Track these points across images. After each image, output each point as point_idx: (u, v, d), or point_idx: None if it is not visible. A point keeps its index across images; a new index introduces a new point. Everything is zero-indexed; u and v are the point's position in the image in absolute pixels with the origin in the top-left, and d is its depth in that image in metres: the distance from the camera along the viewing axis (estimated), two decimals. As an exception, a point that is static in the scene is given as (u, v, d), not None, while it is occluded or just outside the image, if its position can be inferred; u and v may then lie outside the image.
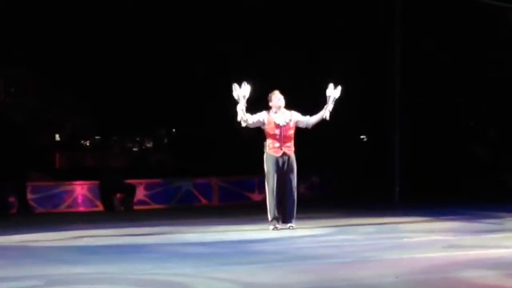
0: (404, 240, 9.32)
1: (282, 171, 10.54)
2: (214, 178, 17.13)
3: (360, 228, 10.73)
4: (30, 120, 15.91)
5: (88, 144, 22.56)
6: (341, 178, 18.17)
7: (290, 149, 10.62)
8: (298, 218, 10.83)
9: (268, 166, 10.58)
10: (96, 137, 22.34)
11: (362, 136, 21.95)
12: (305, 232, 10.30)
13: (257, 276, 6.63)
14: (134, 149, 21.65)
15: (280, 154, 10.55)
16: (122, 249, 8.93)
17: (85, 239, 10.12)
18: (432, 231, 10.15)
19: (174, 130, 21.96)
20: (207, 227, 11.28)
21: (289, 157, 10.57)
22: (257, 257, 7.99)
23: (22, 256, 8.47)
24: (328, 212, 13.33)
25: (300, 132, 10.90)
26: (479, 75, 19.97)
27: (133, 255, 8.30)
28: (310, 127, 10.82)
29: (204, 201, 16.95)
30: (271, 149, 10.58)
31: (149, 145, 16.46)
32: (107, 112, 19.25)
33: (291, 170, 10.58)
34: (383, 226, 11.02)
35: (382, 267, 7.01)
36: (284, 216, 10.60)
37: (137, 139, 22.02)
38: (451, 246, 8.53)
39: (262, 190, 10.90)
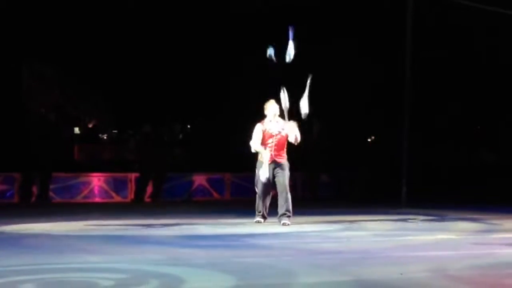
0: (410, 238, 9.49)
1: (273, 175, 10.80)
2: (227, 174, 17.36)
3: (367, 226, 10.93)
4: (59, 115, 16.15)
5: (105, 137, 22.78)
6: (350, 177, 18.34)
7: (281, 157, 10.86)
8: (307, 215, 11.03)
9: (259, 173, 10.83)
10: (114, 131, 22.59)
11: (370, 138, 22.07)
12: (313, 228, 10.54)
13: (266, 269, 6.75)
14: None
15: (271, 162, 10.78)
16: (135, 240, 9.09)
17: (100, 229, 10.35)
18: (436, 231, 10.30)
19: (188, 126, 22.17)
20: (218, 221, 11.52)
21: (280, 164, 10.82)
22: (266, 251, 8.15)
23: (40, 244, 8.61)
24: (336, 209, 13.51)
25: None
26: (490, 80, 20.07)
27: (146, 246, 8.46)
28: (296, 143, 10.95)
29: (216, 195, 17.20)
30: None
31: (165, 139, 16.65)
32: (125, 107, 19.50)
33: (282, 173, 10.81)
34: (390, 225, 11.23)
35: (387, 264, 7.12)
36: (278, 213, 10.86)
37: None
38: (455, 245, 8.71)
39: (273, 187, 11.15)
